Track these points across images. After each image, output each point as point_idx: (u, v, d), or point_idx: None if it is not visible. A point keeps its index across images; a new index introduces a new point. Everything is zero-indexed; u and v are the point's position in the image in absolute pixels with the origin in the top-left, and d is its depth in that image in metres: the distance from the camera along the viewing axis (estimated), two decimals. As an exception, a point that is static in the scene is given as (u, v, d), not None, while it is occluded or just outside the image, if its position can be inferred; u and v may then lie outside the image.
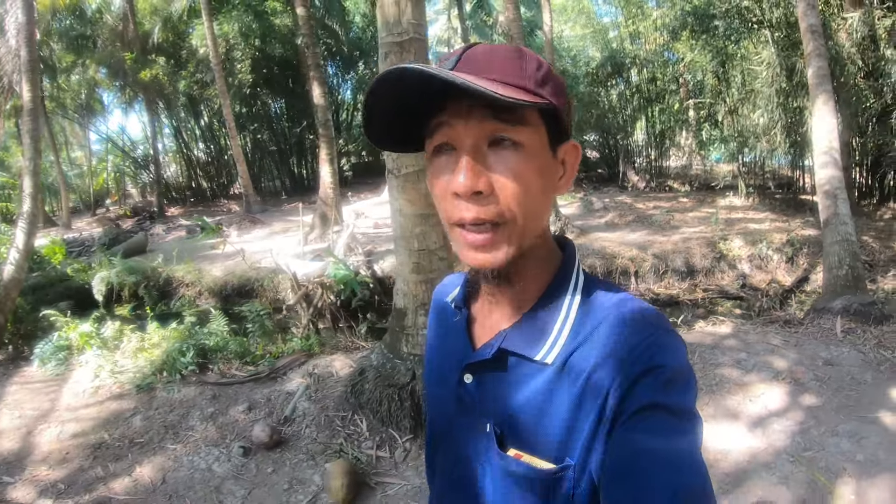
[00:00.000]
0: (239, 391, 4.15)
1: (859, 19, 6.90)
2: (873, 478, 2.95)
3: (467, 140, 0.58)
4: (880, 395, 3.79)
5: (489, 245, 0.60)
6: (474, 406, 0.69)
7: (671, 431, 0.54)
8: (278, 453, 3.35)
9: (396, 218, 3.44)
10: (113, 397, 4.14)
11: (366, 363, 3.81)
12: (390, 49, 3.12)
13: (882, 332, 4.61)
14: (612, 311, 0.64)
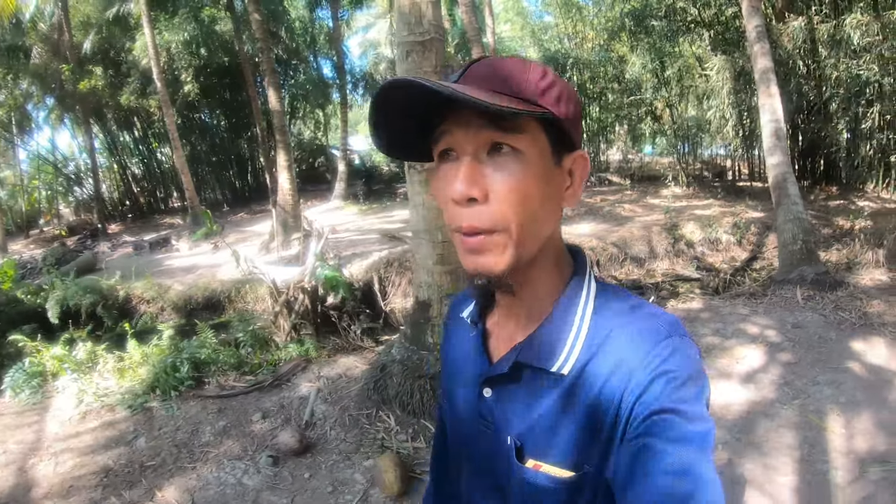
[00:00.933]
0: (244, 402, 4.01)
1: (800, 25, 7.61)
2: (856, 414, 3.35)
3: (467, 147, 0.59)
4: (846, 349, 4.23)
5: (483, 248, 0.61)
6: (494, 420, 0.70)
7: (683, 436, 0.55)
8: (309, 458, 3.28)
9: (419, 211, 3.48)
10: (105, 422, 3.86)
11: (386, 359, 3.80)
12: (412, 48, 3.17)
13: (837, 296, 5.11)
14: (626, 317, 0.65)
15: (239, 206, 15.36)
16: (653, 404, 0.56)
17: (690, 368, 0.59)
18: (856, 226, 7.16)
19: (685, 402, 0.56)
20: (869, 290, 5.21)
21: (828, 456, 3.00)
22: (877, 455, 2.96)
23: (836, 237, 7.14)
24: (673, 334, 0.61)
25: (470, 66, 0.62)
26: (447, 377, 0.85)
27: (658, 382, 0.57)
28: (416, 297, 3.72)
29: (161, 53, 11.55)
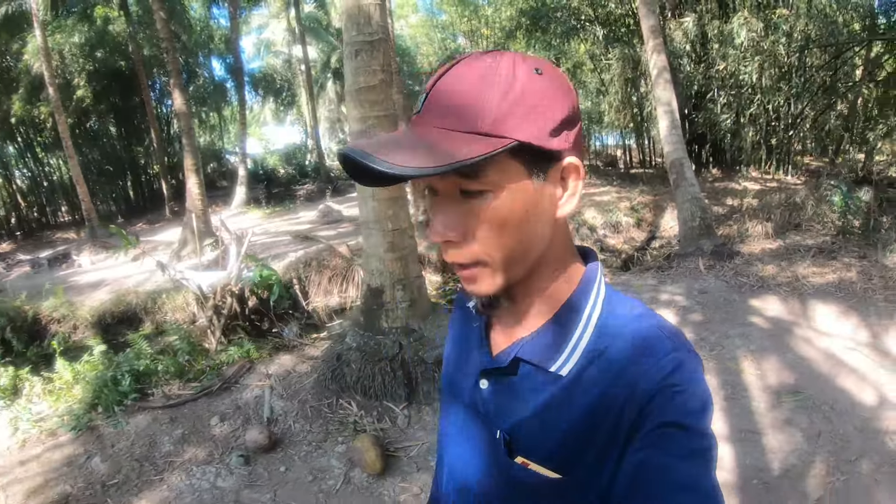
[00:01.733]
0: (195, 409, 3.89)
1: (693, 22, 8.46)
2: (765, 358, 3.93)
3: (440, 188, 0.59)
4: (748, 307, 4.88)
5: (473, 279, 0.62)
6: (487, 412, 0.70)
7: (686, 451, 0.54)
8: (280, 452, 3.28)
9: (369, 203, 3.57)
10: (50, 447, 3.57)
11: (340, 348, 3.86)
12: (362, 47, 3.28)
13: (735, 264, 5.83)
14: (631, 326, 0.64)
15: (135, 217, 14.30)
16: (658, 417, 0.56)
17: (695, 383, 0.59)
18: (744, 204, 8.13)
19: (690, 416, 0.56)
20: (762, 258, 5.99)
21: (748, 392, 3.52)
22: (788, 387, 3.52)
23: (727, 214, 8.06)
24: (680, 348, 0.61)
25: (433, 87, 0.58)
26: (449, 365, 0.84)
27: (663, 395, 0.57)
28: (367, 284, 3.81)
29: (53, 56, 10.46)
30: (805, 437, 3.05)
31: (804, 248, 5.98)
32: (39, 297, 6.56)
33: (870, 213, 5.99)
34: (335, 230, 9.56)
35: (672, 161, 6.67)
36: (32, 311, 6.19)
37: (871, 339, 4.13)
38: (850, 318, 4.45)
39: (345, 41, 3.41)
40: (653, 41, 6.56)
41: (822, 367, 3.79)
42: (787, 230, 6.68)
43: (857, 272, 5.17)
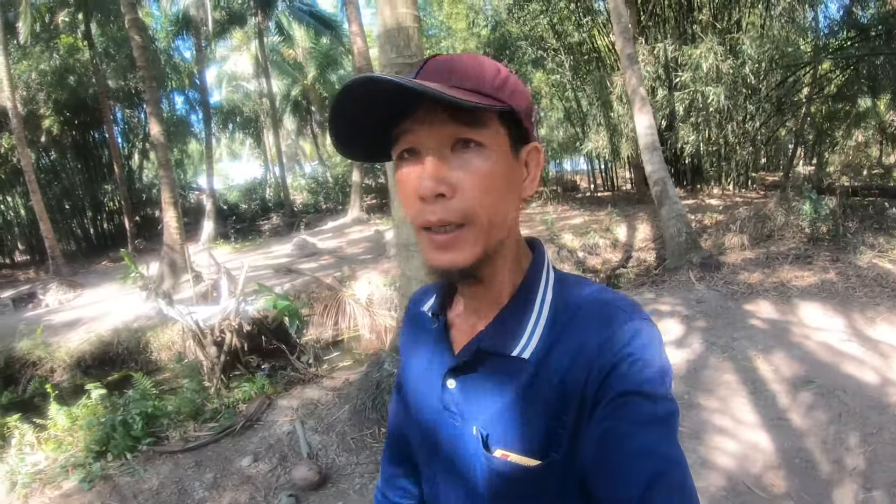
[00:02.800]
0: (219, 450, 3.69)
1: (663, 50, 8.98)
2: (774, 354, 4.16)
3: (430, 143, 0.59)
4: (746, 312, 5.13)
5: (453, 245, 0.61)
6: (459, 411, 0.69)
7: (646, 417, 0.55)
8: (331, 488, 3.15)
9: (409, 225, 3.56)
10: (57, 501, 3.29)
11: (378, 376, 3.77)
12: (402, 69, 3.33)
13: (723, 274, 6.13)
14: (586, 303, 0.65)
15: (96, 255, 13.54)
16: (617, 387, 0.57)
17: (653, 350, 0.60)
18: (714, 219, 8.58)
19: (649, 383, 0.57)
20: (745, 266, 6.31)
21: (768, 385, 3.73)
22: (801, 378, 3.74)
23: (701, 230, 8.46)
24: (635, 317, 0.62)
25: (426, 63, 0.62)
26: (408, 374, 0.83)
27: (622, 365, 0.58)
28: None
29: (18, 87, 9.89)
30: (829, 417, 3.28)
31: (781, 256, 6.36)
32: (11, 339, 6.10)
33: (837, 219, 6.45)
34: (316, 262, 9.39)
35: (655, 180, 6.98)
36: (4, 354, 5.74)
37: (861, 330, 4.44)
38: (838, 313, 4.77)
39: (382, 63, 3.44)
40: (629, 69, 6.94)
41: (825, 357, 4.04)
42: (761, 240, 7.08)
43: (835, 273, 5.55)
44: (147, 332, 6.40)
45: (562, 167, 17.33)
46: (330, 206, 17.20)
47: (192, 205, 16.98)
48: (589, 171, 15.93)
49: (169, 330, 6.47)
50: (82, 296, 8.42)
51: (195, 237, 13.76)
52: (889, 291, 5.00)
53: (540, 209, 13.32)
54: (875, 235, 6.21)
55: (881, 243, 5.98)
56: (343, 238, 12.26)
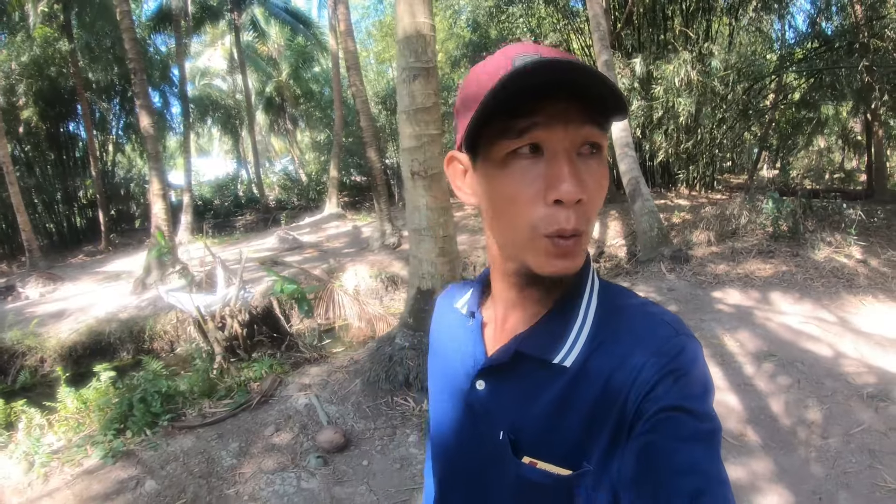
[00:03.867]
0: (238, 424, 3.88)
1: (640, 62, 9.52)
2: (739, 333, 4.65)
3: (564, 143, 0.56)
4: (713, 299, 5.64)
5: (574, 251, 0.59)
6: (486, 413, 0.68)
7: (689, 434, 0.54)
8: (354, 450, 3.42)
9: (422, 212, 3.87)
10: (80, 478, 3.35)
11: (390, 350, 4.06)
12: (419, 73, 3.65)
13: (692, 266, 6.65)
14: (630, 314, 0.64)
15: (68, 250, 13.24)
16: (661, 402, 0.56)
17: (698, 367, 0.59)
18: (682, 218, 9.16)
19: (693, 400, 0.56)
20: (712, 260, 6.85)
21: (735, 357, 4.22)
22: (764, 352, 4.25)
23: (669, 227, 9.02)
24: (680, 333, 0.61)
25: (538, 50, 0.58)
26: (436, 371, 0.82)
27: (667, 380, 0.56)
28: (418, 288, 4.07)
29: None
30: (789, 383, 3.79)
31: (745, 251, 6.92)
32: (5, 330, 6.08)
33: (797, 218, 7.06)
34: (300, 255, 9.54)
35: (629, 179, 7.47)
36: (-6, 345, 5.74)
37: (817, 314, 4.99)
38: (797, 300, 5.32)
39: (401, 66, 3.73)
40: (607, 74, 7.38)
41: (785, 336, 4.56)
42: (726, 237, 7.66)
43: (794, 266, 6.13)
44: (139, 322, 6.47)
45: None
46: (303, 203, 17.24)
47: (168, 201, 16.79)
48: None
49: (162, 319, 6.56)
50: (62, 288, 8.34)
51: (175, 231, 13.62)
52: (843, 282, 5.59)
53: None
54: (832, 233, 6.84)
55: (838, 240, 6.61)
56: (322, 233, 12.40)
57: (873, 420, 3.32)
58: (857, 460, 2.99)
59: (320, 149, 18.90)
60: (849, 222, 6.99)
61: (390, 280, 8.54)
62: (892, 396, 3.52)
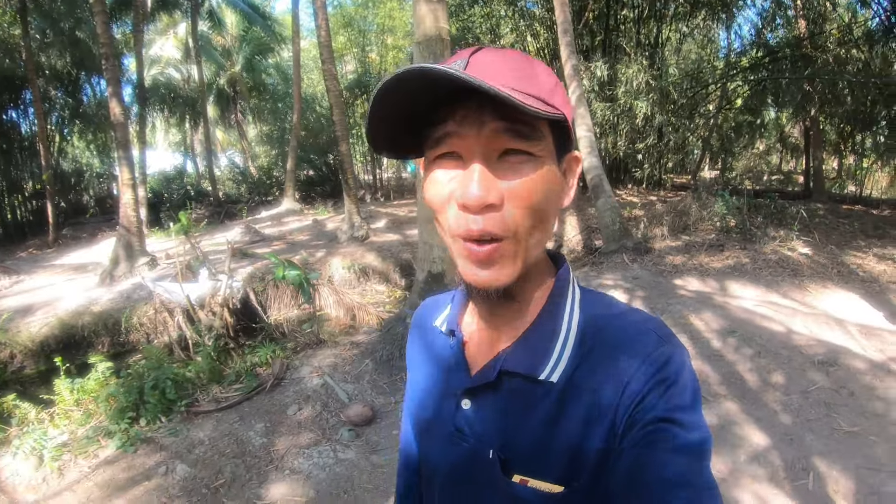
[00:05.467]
0: (256, 406, 4.04)
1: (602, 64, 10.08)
2: (702, 314, 5.21)
3: (478, 150, 0.55)
4: (675, 286, 6.23)
5: (493, 259, 0.57)
6: (474, 433, 0.66)
7: (679, 446, 0.54)
8: (381, 422, 3.67)
9: (427, 206, 4.17)
10: (99, 468, 3.36)
11: (402, 329, 4.34)
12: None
13: (652, 257, 7.25)
14: (614, 324, 0.63)
15: (14, 245, 12.37)
16: (650, 413, 0.55)
17: (686, 377, 0.58)
18: (634, 214, 9.85)
19: (683, 410, 0.55)
20: (669, 252, 7.48)
21: (702, 333, 4.77)
22: (727, 329, 4.82)
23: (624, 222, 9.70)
24: (666, 342, 0.60)
25: (472, 57, 0.57)
26: (415, 391, 0.80)
27: (656, 391, 0.56)
28: (428, 271, 4.38)
29: None
30: (752, 353, 4.37)
31: (698, 244, 7.61)
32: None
33: (744, 215, 7.83)
34: (269, 247, 9.48)
35: (592, 176, 8.00)
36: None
37: (768, 298, 5.66)
38: (750, 286, 5.98)
39: (418, 65, 3.98)
40: (574, 80, 7.91)
41: (743, 316, 5.17)
42: (680, 232, 8.36)
43: (744, 258, 6.84)
44: (113, 315, 6.33)
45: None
46: (255, 198, 16.91)
47: (103, 195, 15.93)
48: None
49: (138, 311, 6.45)
50: (22, 283, 7.93)
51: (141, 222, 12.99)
52: (789, 271, 6.33)
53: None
54: (776, 229, 7.66)
55: (782, 235, 7.42)
56: (282, 227, 12.29)
57: (825, 381, 3.94)
58: (815, 411, 3.58)
59: (272, 142, 18.58)
60: (791, 219, 7.83)
61: (362, 271, 8.69)
62: (839, 363, 4.17)
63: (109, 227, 13.73)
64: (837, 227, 8.58)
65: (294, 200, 14.21)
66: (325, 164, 17.05)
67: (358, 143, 16.84)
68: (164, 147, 24.14)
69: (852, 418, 3.52)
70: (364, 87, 15.31)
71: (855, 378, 4.00)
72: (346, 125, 10.33)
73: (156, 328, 6.53)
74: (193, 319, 5.80)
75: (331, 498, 2.99)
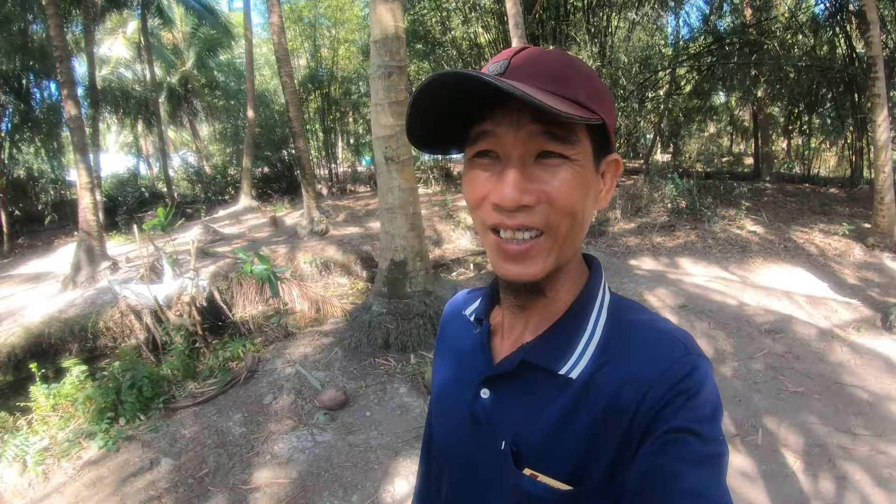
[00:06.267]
0: (233, 398, 4.12)
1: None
2: (656, 290, 5.58)
3: (514, 152, 0.57)
4: (629, 265, 6.59)
5: (526, 256, 0.59)
6: (489, 422, 0.67)
7: (696, 457, 0.53)
8: (354, 406, 3.82)
9: (395, 193, 4.34)
10: (84, 469, 3.39)
11: (368, 317, 4.50)
12: (393, 70, 4.07)
13: (607, 239, 7.63)
14: (641, 330, 0.63)
15: None
16: (670, 422, 0.55)
17: (708, 388, 0.57)
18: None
19: (702, 422, 0.55)
20: (623, 234, 7.86)
21: (657, 307, 5.09)
22: (681, 304, 5.18)
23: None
24: (691, 352, 0.60)
25: (514, 58, 0.58)
26: (441, 376, 0.82)
27: (677, 400, 0.55)
28: (391, 260, 4.54)
29: None
30: (707, 326, 4.73)
31: (651, 226, 8.02)
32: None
33: (694, 196, 8.26)
34: (229, 246, 9.43)
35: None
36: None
37: (720, 274, 6.06)
38: (700, 263, 6.38)
39: (376, 63, 4.12)
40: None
41: (695, 291, 5.54)
42: (633, 214, 8.76)
43: (695, 236, 7.26)
44: (79, 321, 6.27)
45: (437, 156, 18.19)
46: (211, 197, 16.62)
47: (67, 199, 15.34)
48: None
49: (104, 315, 6.40)
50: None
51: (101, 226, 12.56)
52: (738, 248, 6.78)
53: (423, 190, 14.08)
54: (726, 209, 8.12)
55: (731, 214, 7.89)
56: (241, 225, 12.18)
57: (772, 346, 4.31)
58: (763, 374, 3.92)
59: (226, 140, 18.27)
60: (740, 199, 8.30)
61: (324, 265, 8.77)
62: (785, 330, 4.56)
63: (65, 233, 13.32)
64: (785, 205, 9.10)
65: (251, 198, 14.06)
66: (280, 161, 16.88)
67: (312, 137, 16.73)
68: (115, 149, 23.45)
69: (798, 380, 3.87)
70: (318, 82, 15.22)
71: (801, 343, 4.38)
72: (302, 120, 10.31)
73: (123, 331, 6.50)
74: (162, 320, 5.83)
75: (312, 477, 3.14)
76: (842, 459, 3.01)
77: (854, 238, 6.94)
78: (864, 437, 3.21)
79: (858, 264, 6.26)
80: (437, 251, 9.54)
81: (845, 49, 10.58)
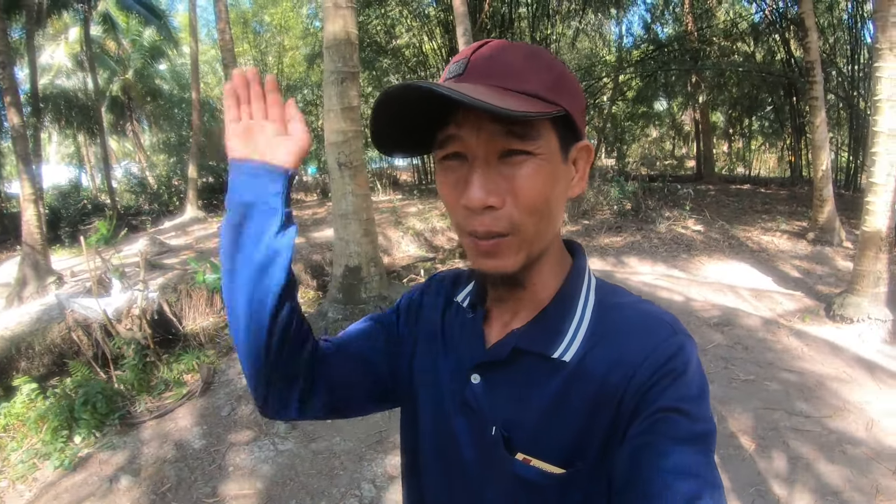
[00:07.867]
0: (191, 411, 4.08)
1: None
2: (630, 280, 5.80)
3: (479, 153, 0.57)
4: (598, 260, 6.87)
5: (497, 251, 0.60)
6: (481, 408, 0.67)
7: (685, 436, 0.54)
8: (315, 413, 3.85)
9: (348, 199, 4.42)
10: (41, 491, 3.28)
11: (324, 323, 4.56)
12: (346, 76, 4.14)
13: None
14: (628, 313, 0.64)
15: None
16: (657, 402, 0.56)
17: (694, 368, 0.59)
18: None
19: (690, 401, 0.56)
20: (571, 236, 8.12)
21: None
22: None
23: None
24: (677, 332, 0.61)
25: (473, 55, 0.59)
26: (419, 361, 0.79)
27: (664, 380, 0.57)
28: (346, 266, 4.60)
29: None
30: None
31: (598, 227, 8.33)
32: None
33: (639, 198, 8.62)
34: (178, 258, 9.21)
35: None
36: None
37: (667, 272, 6.37)
38: (647, 262, 6.70)
39: (329, 69, 4.18)
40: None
41: (644, 289, 5.81)
42: (579, 217, 9.07)
43: (641, 237, 7.60)
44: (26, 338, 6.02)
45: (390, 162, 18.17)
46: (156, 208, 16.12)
47: (13, 210, 14.57)
48: (420, 165, 17.19)
49: (52, 331, 6.18)
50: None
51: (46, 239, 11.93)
52: (683, 247, 7.13)
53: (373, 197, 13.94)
54: (670, 210, 8.50)
55: (675, 215, 8.28)
56: (189, 236, 11.85)
57: (721, 339, 4.59)
58: (715, 365, 4.17)
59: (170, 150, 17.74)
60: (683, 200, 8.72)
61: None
62: (733, 323, 4.87)
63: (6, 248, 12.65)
64: (728, 205, 9.53)
65: (197, 208, 13.70)
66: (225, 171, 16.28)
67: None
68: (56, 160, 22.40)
69: (748, 368, 4.11)
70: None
71: (748, 334, 4.66)
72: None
73: (71, 347, 6.28)
74: (112, 334, 5.68)
75: (278, 487, 3.15)
76: (794, 440, 3.20)
77: (796, 234, 7.38)
78: (813, 417, 3.44)
79: (800, 258, 6.67)
80: (386, 258, 9.49)
81: (784, 55, 11.14)
